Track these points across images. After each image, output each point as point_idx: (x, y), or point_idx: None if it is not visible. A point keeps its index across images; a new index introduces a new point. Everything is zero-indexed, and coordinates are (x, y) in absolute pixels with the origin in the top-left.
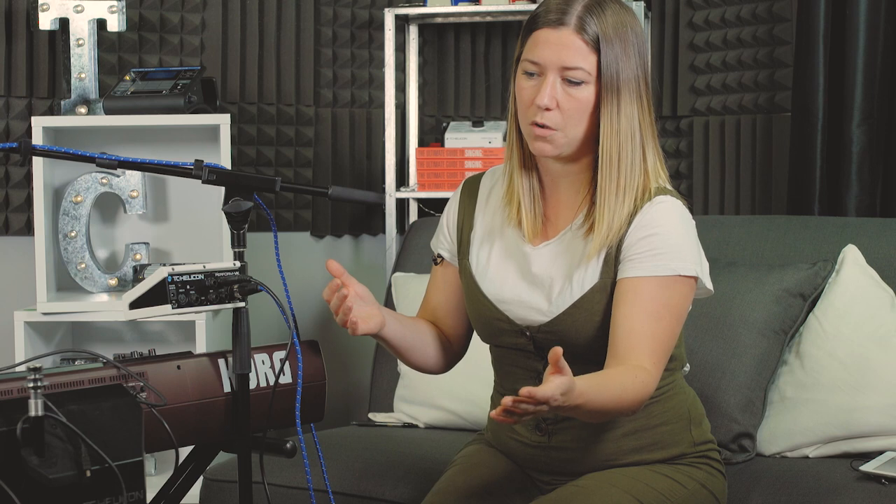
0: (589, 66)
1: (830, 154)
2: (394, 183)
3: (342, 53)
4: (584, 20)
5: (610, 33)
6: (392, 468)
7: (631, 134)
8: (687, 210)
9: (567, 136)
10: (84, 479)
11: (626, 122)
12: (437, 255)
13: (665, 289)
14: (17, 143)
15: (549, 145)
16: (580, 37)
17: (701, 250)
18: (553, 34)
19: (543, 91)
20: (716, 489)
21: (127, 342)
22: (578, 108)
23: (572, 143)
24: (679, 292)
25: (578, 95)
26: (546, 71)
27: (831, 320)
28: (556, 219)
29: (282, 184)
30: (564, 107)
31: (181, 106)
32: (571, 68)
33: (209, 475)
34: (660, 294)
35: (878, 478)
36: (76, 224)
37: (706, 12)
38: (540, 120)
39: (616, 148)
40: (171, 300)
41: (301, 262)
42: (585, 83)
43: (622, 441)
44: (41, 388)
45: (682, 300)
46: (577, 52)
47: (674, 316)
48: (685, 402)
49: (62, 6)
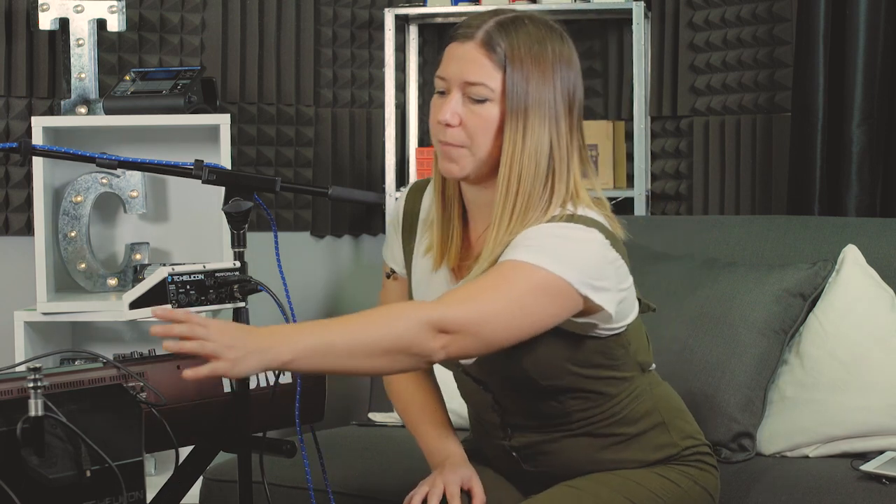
0: (493, 84)
1: (830, 154)
2: (394, 183)
3: (342, 53)
4: (492, 36)
5: (521, 52)
6: (392, 468)
7: (536, 160)
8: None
9: (474, 155)
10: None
11: (532, 146)
12: (390, 270)
13: (509, 269)
14: (17, 143)
15: (455, 165)
16: (485, 52)
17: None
18: (459, 48)
19: (445, 106)
20: (709, 485)
21: (127, 342)
22: (482, 125)
23: (480, 164)
24: (525, 281)
25: (482, 113)
26: (451, 87)
27: (831, 320)
28: (476, 249)
29: (282, 184)
30: (468, 124)
31: (181, 106)
32: (474, 84)
33: (209, 475)
34: (499, 272)
35: (879, 477)
36: (76, 224)
37: (706, 12)
38: (443, 137)
39: (516, 172)
40: (172, 300)
41: (301, 262)
42: (489, 101)
43: (600, 455)
44: (41, 388)
45: (526, 286)
46: (480, 67)
47: (506, 292)
48: (655, 406)
49: (62, 6)
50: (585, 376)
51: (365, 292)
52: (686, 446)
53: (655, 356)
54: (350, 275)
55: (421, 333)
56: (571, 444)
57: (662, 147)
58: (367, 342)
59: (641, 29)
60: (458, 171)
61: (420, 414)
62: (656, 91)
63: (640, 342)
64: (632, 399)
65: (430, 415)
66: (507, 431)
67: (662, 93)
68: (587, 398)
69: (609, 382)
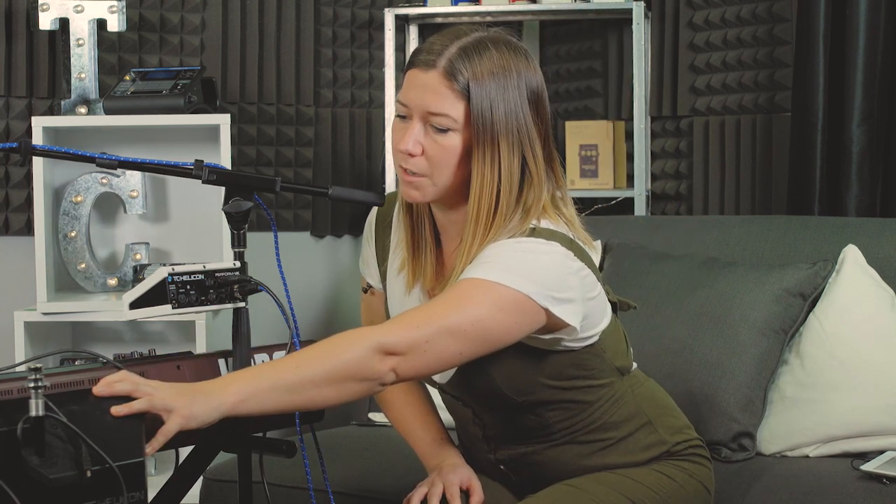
0: (456, 114)
1: (830, 154)
2: (394, 183)
3: (342, 53)
4: (455, 64)
5: (484, 78)
6: (392, 468)
7: (510, 184)
8: (557, 247)
9: (435, 183)
10: (84, 480)
11: (505, 172)
12: (367, 284)
13: (465, 286)
14: (17, 143)
15: (416, 192)
16: (447, 82)
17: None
18: (421, 76)
19: (408, 136)
20: (704, 479)
21: (127, 342)
22: (444, 156)
23: (443, 191)
24: (483, 296)
25: (444, 143)
26: (413, 114)
27: (831, 320)
28: (450, 269)
29: (282, 184)
30: (430, 153)
31: (181, 106)
32: (436, 114)
33: (209, 475)
34: (455, 290)
35: (879, 477)
36: (76, 224)
37: (706, 12)
38: (405, 165)
39: (486, 198)
40: (172, 300)
41: (301, 262)
42: (452, 130)
43: (589, 461)
44: (41, 388)
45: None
46: (442, 98)
47: (459, 305)
48: (639, 407)
49: (62, 6)
50: (561, 388)
51: None
52: (677, 441)
53: (655, 356)
54: (350, 275)
55: (367, 358)
56: (556, 454)
57: (662, 147)
58: (315, 373)
59: (641, 29)
60: (420, 198)
61: (413, 422)
62: (656, 91)
63: (618, 347)
64: (612, 404)
65: (422, 421)
66: (490, 445)
67: (662, 93)
68: (566, 409)
69: (586, 391)
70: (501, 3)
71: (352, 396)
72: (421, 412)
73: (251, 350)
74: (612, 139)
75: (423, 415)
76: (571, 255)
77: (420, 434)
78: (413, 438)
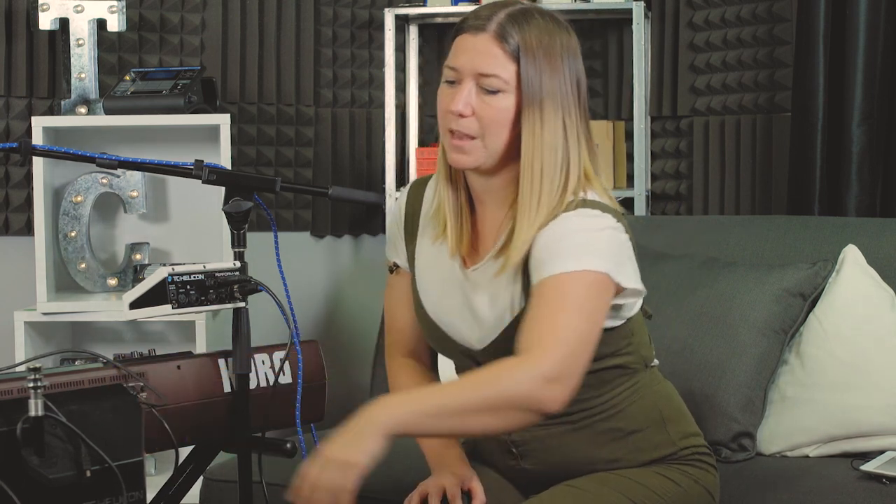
0: (507, 76)
1: (830, 154)
2: (394, 183)
3: (342, 53)
4: (505, 28)
5: (532, 45)
6: (392, 468)
7: (554, 148)
8: (610, 220)
9: (486, 146)
10: (84, 479)
11: (550, 136)
12: (393, 264)
13: (566, 283)
14: (17, 143)
15: (466, 157)
16: (499, 44)
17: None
18: (472, 40)
19: (459, 97)
20: (709, 484)
21: (127, 342)
22: (495, 117)
23: (493, 155)
24: (584, 286)
25: (495, 104)
26: (463, 77)
27: (831, 320)
28: (486, 237)
29: (282, 184)
30: (481, 114)
31: (181, 106)
32: (487, 75)
33: (209, 475)
34: (560, 287)
35: (879, 477)
36: (76, 224)
37: (706, 12)
38: (455, 127)
39: (539, 161)
40: (172, 300)
41: (301, 262)
42: (503, 92)
43: (598, 453)
44: (41, 388)
45: (588, 293)
46: (494, 59)
47: (576, 306)
48: (655, 403)
49: (62, 6)
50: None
51: (365, 292)
52: (684, 446)
53: (656, 356)
54: (350, 275)
55: (536, 389)
56: (571, 440)
57: (662, 147)
58: (478, 401)
59: (641, 29)
60: (470, 163)
61: None
62: (656, 91)
63: (643, 336)
64: (633, 392)
65: None
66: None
67: (662, 93)
68: (590, 386)
69: (612, 371)
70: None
71: (514, 426)
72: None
73: (251, 350)
74: (612, 139)
75: None
76: (622, 228)
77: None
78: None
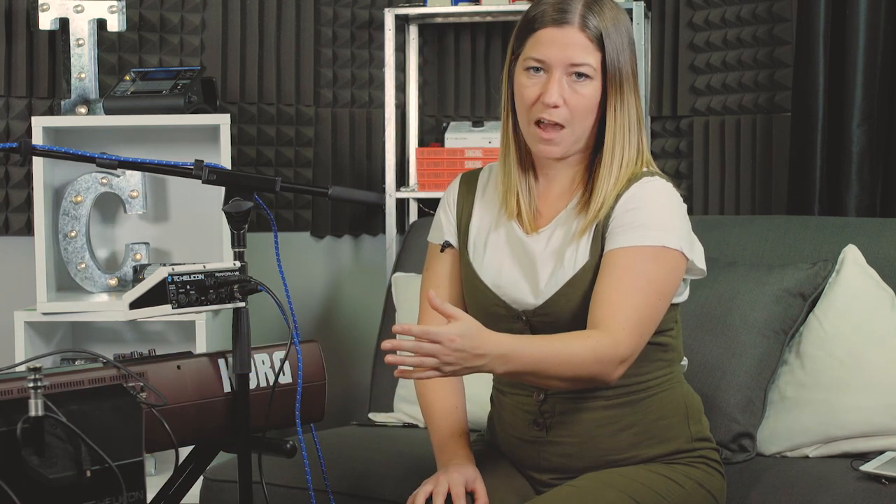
0: (595, 62)
1: (830, 154)
2: (394, 183)
3: (342, 53)
4: (587, 18)
5: (610, 29)
6: (392, 468)
7: (630, 125)
8: (676, 192)
9: (574, 133)
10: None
11: (628, 114)
12: (445, 243)
13: (644, 260)
14: (17, 143)
15: (555, 147)
16: (585, 34)
17: (689, 230)
18: (558, 33)
19: (551, 89)
20: (714, 488)
21: (127, 342)
22: (585, 103)
23: (578, 142)
24: (661, 265)
25: (584, 91)
26: (552, 69)
27: (831, 320)
28: (548, 210)
29: (282, 184)
30: (571, 103)
31: (181, 106)
32: (579, 65)
33: (209, 475)
34: (638, 264)
35: (879, 478)
36: (76, 224)
37: (706, 12)
38: (548, 117)
39: (620, 140)
40: (172, 300)
41: (301, 262)
42: (590, 79)
43: (619, 436)
44: (41, 388)
45: (664, 273)
46: (583, 49)
47: (653, 287)
48: (682, 397)
49: (62, 6)
50: None
51: (365, 292)
52: (695, 447)
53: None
54: (350, 275)
55: (613, 370)
56: (598, 418)
57: (662, 147)
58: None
59: (641, 29)
60: (559, 153)
61: (438, 410)
62: (656, 91)
63: (680, 332)
64: (666, 380)
65: (445, 412)
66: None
67: (662, 93)
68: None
69: (654, 349)
70: (501, 3)
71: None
72: (447, 403)
73: (251, 350)
74: None
75: (448, 406)
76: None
77: (439, 423)
78: (432, 427)
